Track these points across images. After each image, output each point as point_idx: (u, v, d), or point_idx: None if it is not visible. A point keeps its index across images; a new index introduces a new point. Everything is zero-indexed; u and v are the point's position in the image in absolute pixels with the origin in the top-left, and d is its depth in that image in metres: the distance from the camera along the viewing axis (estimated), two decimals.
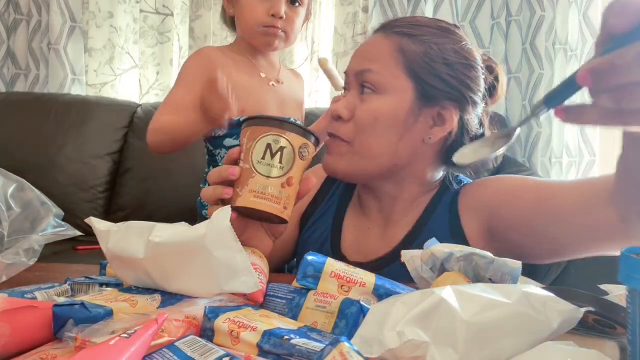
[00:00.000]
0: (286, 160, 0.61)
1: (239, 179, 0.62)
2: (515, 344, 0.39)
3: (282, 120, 0.62)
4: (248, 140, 0.62)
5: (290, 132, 0.61)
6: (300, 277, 0.53)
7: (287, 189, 0.61)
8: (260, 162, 0.61)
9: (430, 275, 0.57)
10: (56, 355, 0.40)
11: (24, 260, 0.62)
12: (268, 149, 0.61)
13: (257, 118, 0.63)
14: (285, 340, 0.40)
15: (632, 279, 0.35)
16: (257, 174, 0.61)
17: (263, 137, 0.61)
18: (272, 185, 0.61)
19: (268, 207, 0.60)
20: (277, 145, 0.61)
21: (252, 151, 0.61)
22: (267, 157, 0.61)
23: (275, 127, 0.61)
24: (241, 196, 0.61)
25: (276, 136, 0.61)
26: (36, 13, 2.21)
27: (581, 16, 1.87)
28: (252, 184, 0.61)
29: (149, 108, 2.06)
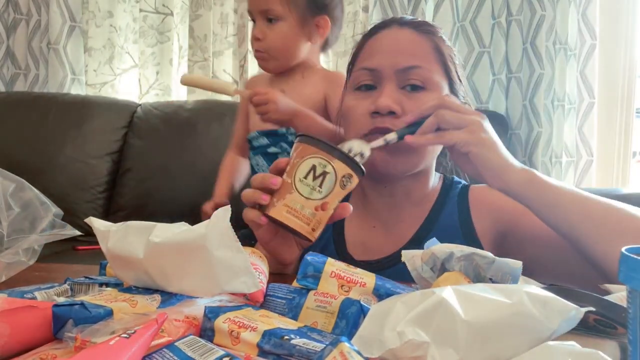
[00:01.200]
0: (327, 185, 0.62)
1: (278, 189, 0.63)
2: (516, 344, 0.39)
3: (332, 146, 0.62)
4: (296, 156, 0.63)
5: (337, 160, 0.62)
6: (300, 277, 0.53)
7: (320, 212, 0.62)
8: (301, 180, 0.62)
9: (431, 275, 0.57)
10: (56, 355, 0.40)
11: (24, 260, 0.62)
12: (312, 171, 0.61)
13: (310, 137, 0.63)
14: (285, 340, 0.40)
15: (632, 279, 0.35)
16: (296, 191, 0.62)
17: (310, 157, 0.62)
18: (306, 205, 0.61)
19: (297, 225, 0.61)
20: (322, 169, 0.61)
21: (297, 168, 0.62)
22: (309, 178, 0.61)
23: (324, 150, 0.62)
24: (275, 207, 0.62)
25: (323, 160, 0.61)
26: (35, 12, 2.21)
27: (579, 16, 1.87)
28: (288, 199, 0.62)
29: (148, 107, 2.06)
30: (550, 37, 1.84)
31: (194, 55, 2.19)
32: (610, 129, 1.96)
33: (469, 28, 1.98)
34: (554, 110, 1.86)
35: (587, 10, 1.87)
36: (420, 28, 0.81)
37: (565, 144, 1.88)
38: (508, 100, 1.98)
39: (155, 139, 1.98)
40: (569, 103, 1.88)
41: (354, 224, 0.86)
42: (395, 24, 0.82)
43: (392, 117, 0.76)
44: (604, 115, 1.94)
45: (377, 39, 0.82)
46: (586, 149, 1.91)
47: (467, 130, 0.67)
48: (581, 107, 1.90)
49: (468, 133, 0.67)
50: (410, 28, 0.81)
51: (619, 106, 1.96)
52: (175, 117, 1.98)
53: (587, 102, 1.89)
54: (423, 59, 0.78)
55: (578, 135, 1.90)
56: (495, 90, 1.99)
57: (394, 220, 0.84)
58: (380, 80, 0.78)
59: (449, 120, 0.68)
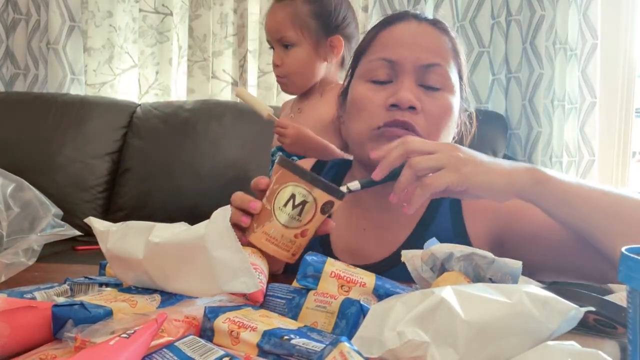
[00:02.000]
0: (306, 214, 0.61)
1: (257, 215, 0.62)
2: (516, 343, 0.39)
3: (311, 175, 0.61)
4: (276, 182, 0.62)
5: (317, 189, 0.61)
6: (300, 277, 0.53)
7: (300, 239, 0.62)
8: (281, 209, 0.61)
9: (430, 275, 0.57)
10: (55, 356, 0.40)
11: (23, 260, 0.62)
12: (292, 199, 0.61)
13: (289, 162, 0.62)
14: (285, 340, 0.40)
15: (632, 279, 0.35)
16: (275, 219, 0.61)
17: (290, 185, 0.61)
18: (286, 234, 0.61)
19: (276, 252, 0.61)
20: (301, 198, 0.61)
21: (277, 195, 0.61)
22: (289, 207, 0.61)
23: (305, 180, 0.61)
24: (255, 233, 0.62)
25: (302, 189, 0.61)
26: (35, 12, 2.21)
27: (580, 15, 1.87)
28: (267, 227, 0.61)
29: (148, 108, 2.06)
30: (549, 37, 1.84)
31: (193, 55, 2.19)
32: (610, 129, 1.96)
33: (469, 28, 1.98)
34: (554, 110, 1.86)
35: (589, 10, 1.87)
36: (438, 25, 0.80)
37: (565, 144, 1.88)
38: (508, 100, 1.98)
39: (154, 139, 1.98)
40: (569, 103, 1.88)
41: (342, 227, 0.82)
42: (411, 17, 0.80)
43: (412, 112, 0.74)
44: (604, 115, 1.94)
45: (396, 30, 0.79)
46: (588, 148, 1.90)
47: (450, 170, 0.61)
48: (583, 107, 1.90)
49: (453, 172, 0.61)
50: (429, 24, 0.80)
51: (619, 106, 1.96)
52: (175, 117, 1.98)
53: (588, 102, 1.89)
54: (444, 58, 0.77)
55: (580, 135, 1.90)
56: (494, 90, 1.99)
57: (387, 222, 0.82)
58: (398, 73, 0.76)
59: (426, 168, 0.61)
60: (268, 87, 2.15)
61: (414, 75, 0.75)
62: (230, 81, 2.20)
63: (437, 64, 0.76)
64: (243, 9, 2.14)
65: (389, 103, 0.74)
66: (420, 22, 0.80)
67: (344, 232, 0.83)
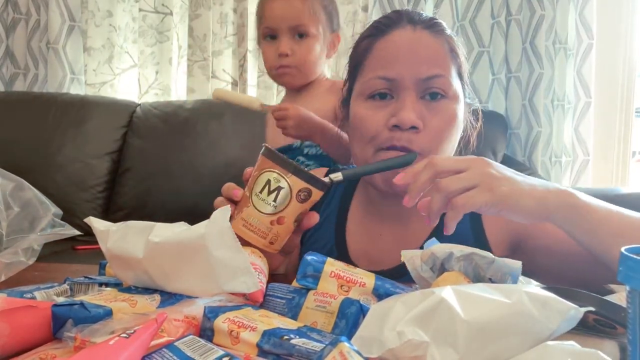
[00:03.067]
0: (280, 200, 0.62)
1: (239, 201, 0.64)
2: (516, 343, 0.39)
3: (287, 161, 0.62)
4: (256, 169, 0.64)
5: (293, 175, 0.61)
6: (300, 277, 0.53)
7: (277, 226, 0.62)
8: (257, 194, 0.62)
9: (430, 275, 0.57)
10: (55, 355, 0.40)
11: (23, 260, 0.62)
12: (267, 185, 0.62)
13: (269, 150, 0.63)
14: (285, 340, 0.40)
15: (632, 279, 0.35)
16: (252, 205, 0.62)
17: (266, 171, 0.62)
18: (261, 220, 0.62)
19: (253, 239, 0.62)
20: (276, 183, 0.61)
21: (255, 181, 0.63)
22: (264, 193, 0.62)
23: (279, 165, 0.61)
24: (235, 220, 0.63)
25: (277, 175, 0.61)
26: (35, 12, 2.20)
27: (577, 15, 1.87)
28: (245, 212, 0.62)
29: (147, 107, 2.06)
30: (549, 36, 1.84)
31: (193, 55, 2.19)
32: (610, 129, 1.96)
33: (469, 28, 1.98)
34: (554, 110, 1.86)
35: (585, 9, 1.87)
36: (434, 28, 0.77)
37: (564, 144, 1.88)
38: (507, 99, 1.98)
39: (154, 139, 1.97)
40: (568, 103, 1.88)
41: (358, 233, 0.82)
42: (406, 22, 0.77)
43: (413, 131, 0.72)
44: (603, 114, 1.94)
45: (391, 41, 0.77)
46: (582, 148, 1.91)
47: (483, 189, 0.57)
48: (577, 106, 1.90)
49: (487, 192, 0.57)
50: (424, 29, 0.77)
51: (618, 106, 1.96)
52: (175, 117, 1.98)
53: (583, 102, 1.89)
54: (443, 66, 0.75)
55: (574, 135, 1.90)
56: (494, 89, 1.99)
57: (403, 229, 0.80)
58: (399, 90, 0.74)
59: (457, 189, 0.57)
60: (268, 86, 2.15)
61: (414, 90, 0.74)
62: (230, 81, 2.20)
63: (437, 75, 0.74)
64: (243, 9, 2.14)
65: (391, 124, 0.73)
66: (416, 27, 0.77)
67: (360, 238, 0.82)
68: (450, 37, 0.79)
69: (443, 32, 0.78)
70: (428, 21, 0.78)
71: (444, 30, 0.79)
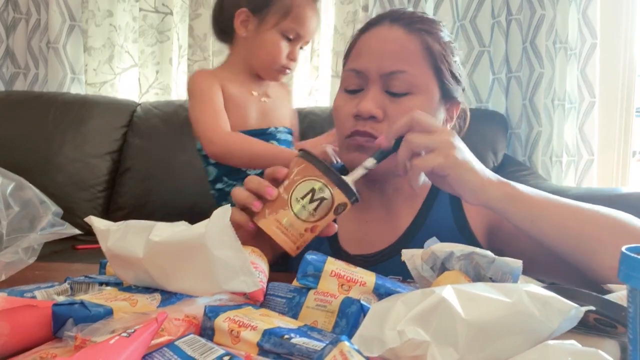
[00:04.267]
0: (321, 210, 0.62)
1: (272, 202, 0.63)
2: (516, 343, 0.39)
3: (334, 172, 0.62)
4: (297, 173, 0.62)
5: (338, 189, 0.62)
6: (300, 276, 0.53)
7: (308, 234, 0.62)
8: (298, 200, 0.61)
9: (431, 274, 0.57)
10: (56, 354, 0.40)
11: (23, 259, 0.62)
12: (311, 193, 0.61)
13: (315, 157, 0.63)
14: (286, 339, 0.40)
15: (632, 278, 0.35)
16: (290, 209, 0.61)
17: (311, 179, 0.61)
18: (297, 225, 0.62)
19: (283, 241, 0.62)
20: (320, 194, 0.61)
21: (297, 185, 0.62)
22: (306, 200, 0.61)
23: (326, 175, 0.61)
24: (266, 219, 0.62)
25: (323, 185, 0.61)
26: (35, 12, 2.20)
27: (580, 15, 1.87)
28: (281, 214, 0.62)
29: (148, 107, 2.06)
30: (550, 36, 1.84)
31: (193, 55, 2.19)
32: (611, 128, 1.96)
33: (469, 27, 1.98)
34: (554, 110, 1.86)
35: (588, 9, 1.87)
36: (412, 26, 0.79)
37: (565, 144, 1.88)
38: (508, 99, 1.98)
39: (155, 139, 1.97)
40: (569, 102, 1.88)
41: (347, 220, 0.86)
42: (387, 20, 0.80)
43: (374, 121, 0.76)
44: (604, 114, 1.94)
45: (367, 37, 0.81)
46: (587, 148, 1.90)
47: (440, 154, 0.64)
48: (582, 106, 1.90)
49: (442, 157, 0.64)
50: (400, 26, 0.79)
51: (619, 105, 1.96)
52: (175, 117, 1.98)
53: (587, 102, 1.89)
54: (409, 62, 0.77)
55: (579, 135, 1.90)
56: (495, 89, 1.99)
57: (387, 216, 0.85)
58: (367, 82, 0.78)
59: (419, 145, 0.65)
60: None
61: (379, 83, 0.77)
62: None
63: (400, 70, 0.76)
64: None
65: (353, 113, 0.77)
66: (393, 25, 0.79)
67: (350, 225, 0.86)
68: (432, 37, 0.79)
69: (421, 31, 0.79)
70: (409, 19, 0.80)
71: (425, 30, 0.79)
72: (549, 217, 0.67)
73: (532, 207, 0.67)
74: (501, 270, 0.53)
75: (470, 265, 0.55)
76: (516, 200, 0.67)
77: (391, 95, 0.77)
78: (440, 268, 0.57)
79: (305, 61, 2.16)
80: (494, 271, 0.54)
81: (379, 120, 0.76)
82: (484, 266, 0.54)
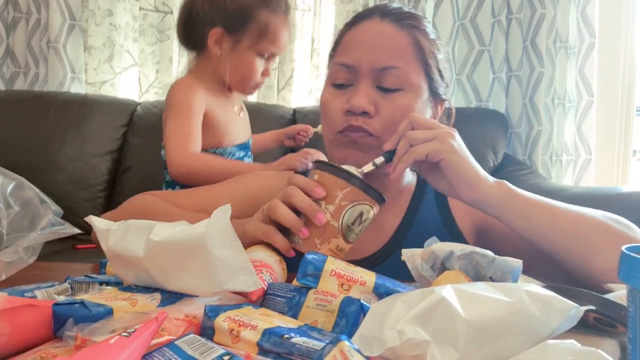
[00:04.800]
0: (364, 229, 0.62)
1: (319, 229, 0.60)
2: (516, 342, 0.39)
3: (380, 194, 0.61)
4: (344, 198, 0.60)
5: (377, 204, 0.61)
6: (300, 276, 0.53)
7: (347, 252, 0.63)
8: (350, 227, 0.61)
9: (431, 273, 0.57)
10: (56, 354, 0.40)
11: (23, 259, 0.62)
12: (359, 217, 0.61)
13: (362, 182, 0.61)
14: (286, 338, 0.40)
15: (632, 277, 0.35)
16: (342, 237, 0.61)
17: (360, 204, 0.60)
18: (346, 248, 0.62)
19: None
20: (367, 216, 0.61)
21: (346, 212, 0.60)
22: (356, 225, 0.61)
23: (372, 198, 0.61)
24: (319, 250, 0.60)
25: (369, 207, 0.61)
26: (35, 11, 2.20)
27: (578, 14, 1.87)
28: (334, 243, 0.61)
29: (148, 106, 2.06)
30: (550, 35, 1.84)
31: None
32: (610, 128, 1.96)
33: (469, 26, 1.98)
34: (555, 109, 1.86)
35: (587, 8, 1.87)
36: (402, 22, 0.79)
37: (565, 143, 1.88)
38: (508, 98, 1.98)
39: (155, 138, 1.96)
40: (569, 101, 1.88)
41: None
42: (377, 14, 0.79)
43: (366, 117, 0.75)
44: (604, 113, 1.94)
45: (357, 31, 0.79)
46: (585, 147, 1.90)
47: (437, 140, 0.65)
48: (580, 105, 1.90)
49: (438, 142, 0.65)
50: (391, 21, 0.78)
51: (619, 105, 1.96)
52: None
53: (585, 101, 1.89)
54: (401, 58, 0.76)
55: (577, 134, 1.90)
56: (495, 88, 1.99)
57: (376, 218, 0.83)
58: (357, 77, 0.77)
59: (419, 138, 0.66)
60: (268, 86, 2.15)
61: (370, 78, 0.76)
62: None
63: (393, 66, 0.76)
64: None
65: (344, 109, 0.76)
66: (384, 20, 0.79)
67: None
68: (421, 33, 0.79)
69: (412, 27, 0.79)
70: (399, 15, 0.80)
71: (415, 26, 0.79)
72: (544, 217, 0.67)
73: (527, 207, 0.67)
74: (501, 270, 0.53)
75: (470, 264, 0.55)
76: (512, 199, 0.67)
77: (382, 91, 0.76)
78: (440, 267, 0.57)
79: (306, 60, 2.16)
80: (494, 271, 0.54)
81: (371, 116, 0.75)
82: (484, 266, 0.54)
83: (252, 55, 1.24)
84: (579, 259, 0.66)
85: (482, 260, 0.54)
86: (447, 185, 0.68)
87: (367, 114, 0.75)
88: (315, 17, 2.15)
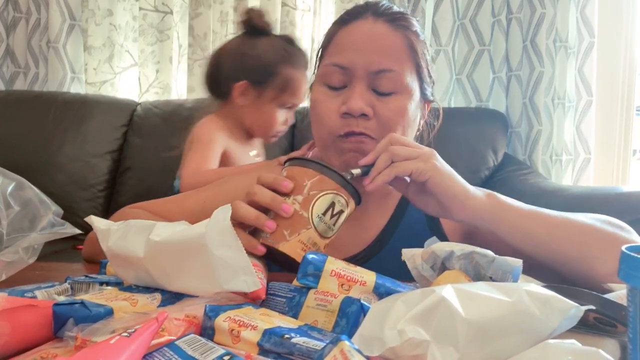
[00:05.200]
0: (339, 224, 0.60)
1: (288, 220, 0.58)
2: (516, 342, 0.39)
3: (353, 186, 0.60)
4: (313, 187, 0.58)
5: (352, 199, 0.60)
6: (301, 276, 0.53)
7: (326, 249, 0.60)
8: (320, 217, 0.58)
9: (431, 273, 0.57)
10: (56, 354, 0.40)
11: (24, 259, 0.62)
12: (331, 208, 0.59)
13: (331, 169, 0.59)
14: (286, 338, 0.40)
15: (632, 277, 0.35)
16: (313, 228, 0.58)
17: (330, 193, 0.58)
18: (319, 244, 0.59)
19: None
20: (339, 207, 0.59)
21: (315, 202, 0.58)
22: (327, 216, 0.58)
23: (344, 188, 0.59)
24: (288, 242, 0.58)
25: (342, 198, 0.59)
26: (35, 11, 2.20)
27: (578, 13, 1.87)
28: (304, 235, 0.58)
29: (148, 106, 2.06)
30: (550, 35, 1.84)
31: (193, 54, 2.19)
32: (610, 127, 1.96)
33: (469, 26, 1.97)
34: (554, 109, 1.86)
35: (586, 8, 1.87)
36: (396, 22, 0.78)
37: (565, 143, 1.88)
38: (508, 98, 1.98)
39: (155, 138, 1.97)
40: (569, 101, 1.88)
41: None
42: (370, 13, 0.78)
43: (364, 119, 0.74)
44: (604, 113, 1.94)
45: (350, 31, 0.78)
46: (584, 147, 1.90)
47: (420, 160, 0.65)
48: (579, 105, 1.90)
49: (421, 162, 0.64)
50: (385, 21, 0.77)
51: (619, 104, 1.96)
52: (175, 116, 1.98)
53: (585, 100, 1.89)
54: (396, 60, 0.76)
55: (576, 134, 1.90)
56: (495, 88, 1.99)
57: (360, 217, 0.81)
58: (352, 78, 0.75)
59: (401, 154, 0.65)
60: None
61: (365, 80, 0.75)
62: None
63: (389, 69, 0.75)
64: (244, 7, 2.14)
65: (342, 111, 0.75)
66: (377, 19, 0.77)
67: None
68: (414, 34, 0.79)
69: (405, 28, 0.78)
70: (392, 15, 0.78)
71: (407, 27, 0.78)
72: (538, 226, 0.67)
73: (520, 217, 0.67)
74: (501, 270, 0.53)
75: (471, 264, 0.55)
76: (504, 211, 0.67)
77: (377, 94, 0.75)
78: (441, 267, 0.57)
79: None
80: (494, 270, 0.54)
81: (369, 118, 0.74)
82: (484, 265, 0.54)
83: (274, 107, 1.33)
84: (578, 264, 0.66)
85: (482, 260, 0.54)
86: (437, 207, 0.67)
87: (366, 116, 0.74)
88: (315, 17, 2.15)
